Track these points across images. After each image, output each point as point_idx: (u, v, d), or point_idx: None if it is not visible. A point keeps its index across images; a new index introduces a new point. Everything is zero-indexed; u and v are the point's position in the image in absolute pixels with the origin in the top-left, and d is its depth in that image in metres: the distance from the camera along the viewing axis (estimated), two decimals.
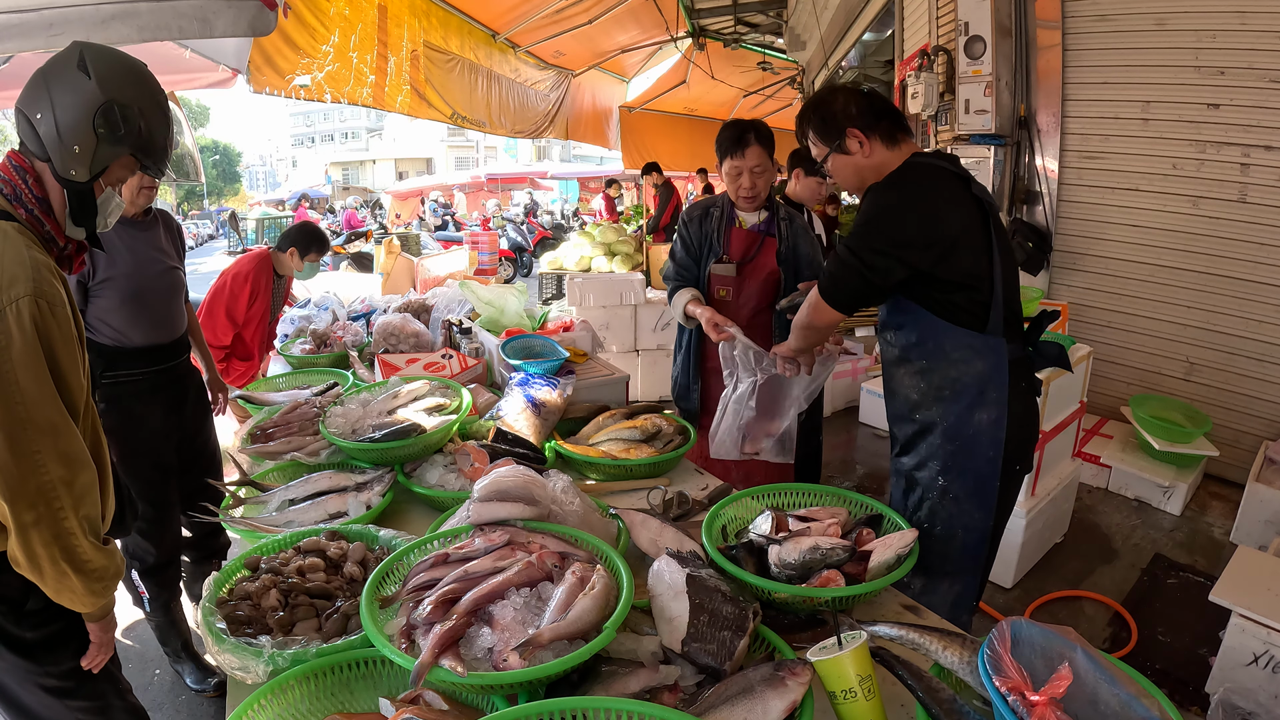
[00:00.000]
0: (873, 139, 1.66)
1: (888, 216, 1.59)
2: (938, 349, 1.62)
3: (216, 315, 3.06)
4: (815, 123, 1.72)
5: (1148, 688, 0.90)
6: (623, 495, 1.84)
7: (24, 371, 1.19)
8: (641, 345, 5.11)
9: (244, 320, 3.11)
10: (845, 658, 0.99)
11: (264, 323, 3.25)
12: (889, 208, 1.59)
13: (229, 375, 3.15)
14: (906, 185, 1.60)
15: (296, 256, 3.17)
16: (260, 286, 3.13)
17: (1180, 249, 3.70)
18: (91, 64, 1.28)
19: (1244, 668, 2.01)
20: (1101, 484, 3.68)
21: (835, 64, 7.32)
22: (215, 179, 36.67)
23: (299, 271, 3.24)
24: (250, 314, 3.13)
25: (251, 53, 3.41)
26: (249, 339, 3.18)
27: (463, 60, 5.49)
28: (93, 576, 1.28)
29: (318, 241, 3.24)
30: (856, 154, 1.67)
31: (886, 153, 1.67)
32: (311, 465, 1.89)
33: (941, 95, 4.45)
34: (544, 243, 12.99)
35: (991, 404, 1.61)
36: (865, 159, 1.67)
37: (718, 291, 2.45)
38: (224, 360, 3.13)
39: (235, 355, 3.20)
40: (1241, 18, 3.30)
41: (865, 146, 1.66)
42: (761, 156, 2.30)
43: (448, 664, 0.98)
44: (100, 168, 1.32)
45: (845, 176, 1.72)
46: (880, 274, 1.58)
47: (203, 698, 2.43)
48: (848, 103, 1.68)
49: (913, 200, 1.57)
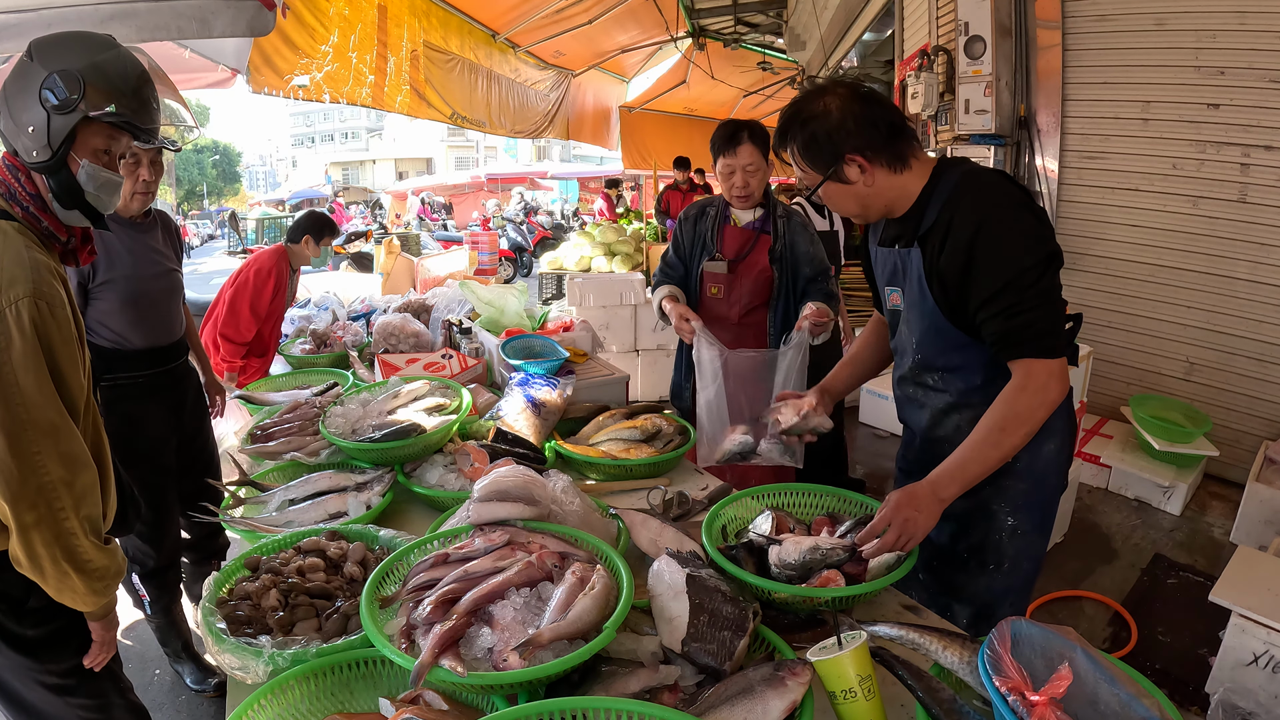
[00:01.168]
0: (878, 165, 1.36)
1: (1023, 219, 1.31)
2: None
3: (240, 312, 3.10)
4: (802, 143, 1.38)
5: (1148, 688, 0.90)
6: (623, 495, 1.84)
7: (24, 373, 1.18)
8: (641, 345, 5.11)
9: (266, 314, 3.17)
10: (845, 658, 0.99)
11: (281, 318, 3.33)
12: (1014, 208, 1.31)
13: (244, 374, 3.19)
14: (999, 184, 1.36)
15: (311, 243, 3.27)
16: (283, 281, 3.21)
17: (1180, 249, 3.70)
18: (35, 49, 1.27)
19: (1244, 668, 2.01)
20: (1101, 484, 3.68)
21: (835, 64, 7.32)
22: (215, 179, 36.67)
23: (315, 258, 3.34)
24: (273, 308, 3.20)
25: (251, 53, 3.42)
26: (267, 335, 3.24)
27: (463, 60, 5.49)
28: (94, 576, 1.28)
29: (329, 226, 3.36)
30: (858, 182, 1.37)
31: (897, 179, 1.38)
32: (311, 465, 1.89)
33: (941, 95, 4.45)
34: (544, 243, 13.00)
35: (1057, 431, 1.46)
36: (868, 188, 1.38)
37: (710, 289, 2.48)
38: (244, 358, 3.18)
39: (253, 353, 3.24)
40: (1241, 18, 3.30)
41: (868, 174, 1.36)
42: (754, 155, 2.32)
43: (448, 664, 0.98)
44: (60, 140, 1.26)
45: (842, 205, 1.44)
46: (1059, 291, 1.31)
47: (203, 698, 2.43)
48: (844, 117, 1.34)
49: (1020, 200, 1.34)
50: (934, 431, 1.55)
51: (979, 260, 1.30)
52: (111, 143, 1.34)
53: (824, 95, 1.38)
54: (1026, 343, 1.30)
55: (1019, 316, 1.29)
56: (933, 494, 1.30)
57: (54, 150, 1.27)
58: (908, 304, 1.49)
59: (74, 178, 1.31)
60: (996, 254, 1.29)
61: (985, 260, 1.30)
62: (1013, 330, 1.30)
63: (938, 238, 1.36)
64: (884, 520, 1.29)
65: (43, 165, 1.28)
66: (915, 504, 1.28)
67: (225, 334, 3.10)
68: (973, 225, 1.31)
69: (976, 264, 1.31)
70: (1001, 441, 1.30)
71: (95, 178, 1.33)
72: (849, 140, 1.34)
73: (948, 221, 1.34)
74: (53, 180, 1.30)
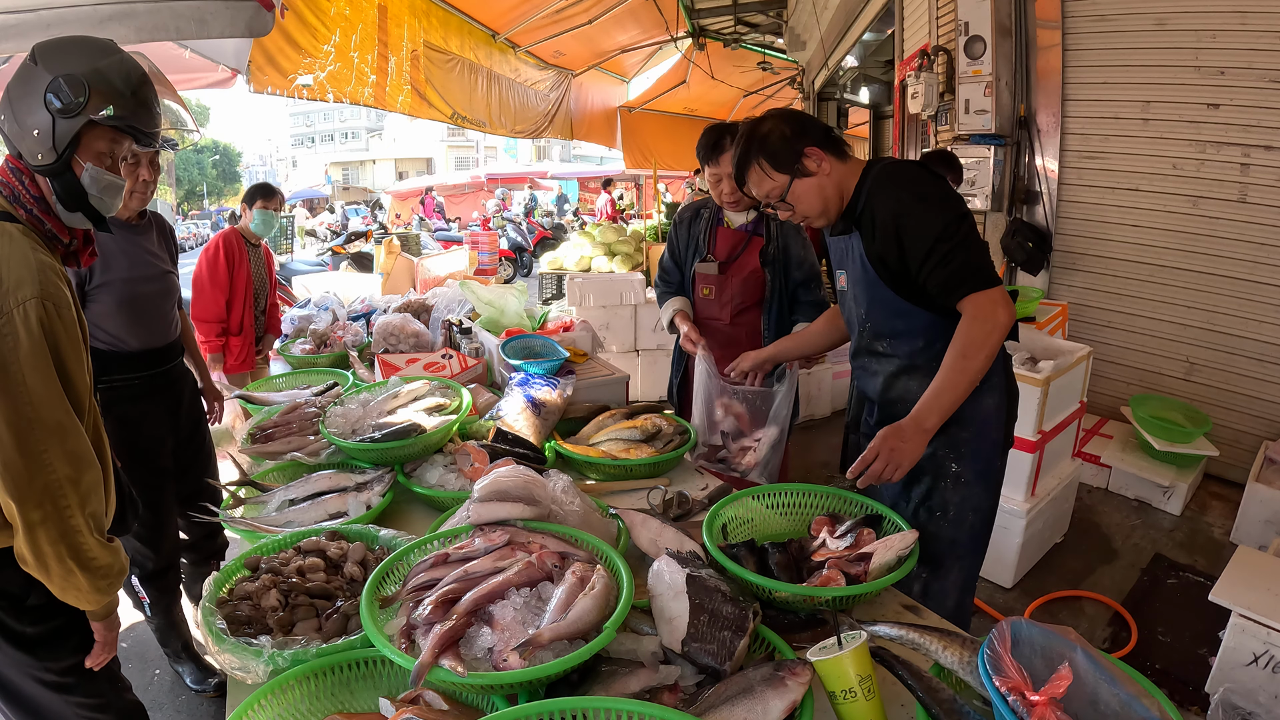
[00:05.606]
0: (828, 154, 1.58)
1: (930, 190, 1.52)
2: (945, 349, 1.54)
3: (202, 289, 3.29)
4: (764, 156, 1.59)
5: (1148, 688, 0.90)
6: (623, 495, 1.84)
7: (31, 372, 1.20)
8: (641, 345, 5.11)
9: (228, 287, 3.32)
10: (845, 658, 0.99)
11: (249, 291, 3.43)
12: (922, 183, 1.53)
13: (228, 356, 3.27)
14: (907, 169, 1.57)
15: (246, 210, 3.45)
16: (232, 250, 3.36)
17: (1180, 249, 3.70)
18: (38, 53, 1.28)
19: (1244, 668, 2.01)
20: (1101, 484, 3.68)
21: (835, 64, 7.32)
22: (215, 179, 36.65)
23: (253, 224, 3.47)
24: (235, 282, 3.34)
25: (253, 52, 3.43)
26: (239, 310, 3.37)
27: (463, 60, 5.49)
28: (99, 574, 1.29)
29: (262, 191, 3.50)
30: (818, 173, 1.58)
31: (843, 166, 1.60)
32: (311, 465, 1.89)
33: (941, 95, 4.45)
34: (544, 243, 12.99)
35: (996, 387, 1.63)
36: (827, 177, 1.58)
37: (701, 290, 2.52)
38: (220, 335, 3.32)
39: (230, 331, 3.38)
40: (1241, 18, 3.30)
41: (825, 163, 1.58)
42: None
43: (448, 664, 0.98)
44: (65, 144, 1.28)
45: (810, 203, 1.61)
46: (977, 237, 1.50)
47: (203, 698, 2.43)
48: (789, 125, 1.58)
49: (928, 178, 1.55)
50: (887, 394, 1.71)
51: (904, 230, 1.51)
52: (114, 146, 1.35)
53: (764, 120, 1.62)
54: (965, 281, 1.48)
55: (952, 262, 1.47)
56: (916, 426, 1.45)
57: (58, 153, 1.28)
58: (852, 280, 1.70)
59: (78, 180, 1.33)
60: (917, 220, 1.50)
61: (909, 228, 1.50)
62: (951, 275, 1.48)
63: (868, 220, 1.57)
64: (872, 451, 1.42)
65: (47, 168, 1.30)
66: (901, 435, 1.43)
67: (196, 315, 3.25)
68: (893, 203, 1.53)
69: (904, 233, 1.51)
70: (967, 367, 1.45)
71: (98, 180, 1.34)
72: (801, 139, 1.57)
73: (873, 206, 1.55)
74: (57, 183, 1.32)
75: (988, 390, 1.61)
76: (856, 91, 8.72)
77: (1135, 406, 3.64)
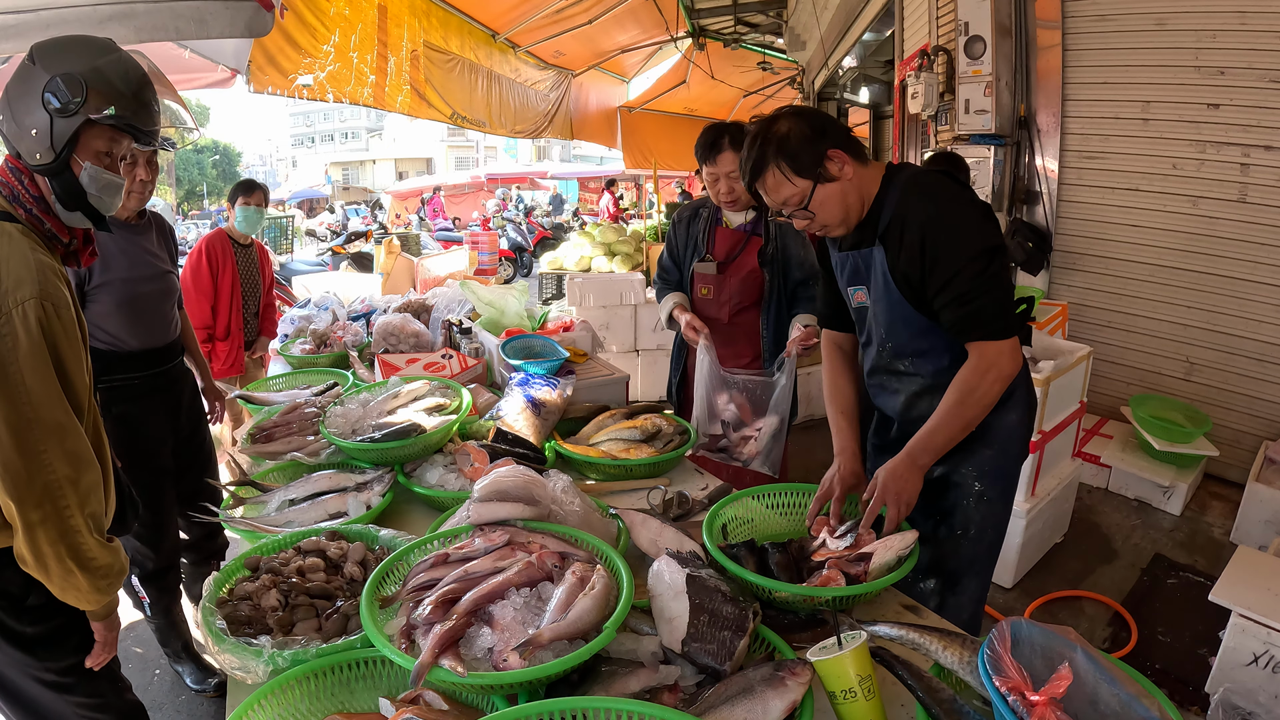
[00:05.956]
0: (850, 156, 1.46)
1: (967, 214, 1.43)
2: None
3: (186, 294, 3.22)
4: (785, 159, 1.44)
5: (1148, 688, 0.90)
6: (623, 495, 1.84)
7: (30, 372, 1.20)
8: (641, 345, 5.11)
9: (211, 291, 3.30)
10: (845, 658, 0.99)
11: (236, 295, 3.41)
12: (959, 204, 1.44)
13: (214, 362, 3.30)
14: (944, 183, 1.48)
15: (230, 207, 3.44)
16: (216, 253, 3.35)
17: (1180, 249, 3.70)
18: (36, 53, 1.28)
19: (1244, 668, 2.01)
20: (1101, 484, 3.68)
21: (835, 64, 7.32)
22: (215, 179, 36.62)
23: (237, 222, 3.45)
24: (219, 287, 3.32)
25: (253, 52, 3.43)
26: (225, 315, 3.36)
27: (463, 60, 5.49)
28: (98, 574, 1.29)
29: (243, 188, 3.47)
30: (841, 178, 1.46)
31: (865, 171, 1.49)
32: (311, 465, 1.89)
33: (941, 95, 4.45)
34: (544, 243, 12.99)
35: (1019, 403, 1.61)
36: (850, 182, 1.47)
37: (700, 290, 2.52)
38: (206, 341, 3.29)
39: (215, 337, 3.36)
40: (1241, 18, 3.30)
41: (848, 167, 1.45)
42: (736, 160, 2.32)
43: (448, 664, 0.98)
44: (63, 143, 1.27)
45: (832, 211, 1.49)
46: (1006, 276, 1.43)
47: (203, 698, 2.43)
48: (808, 126, 1.45)
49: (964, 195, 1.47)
50: (909, 414, 1.65)
51: (930, 254, 1.43)
52: (113, 145, 1.35)
53: (776, 120, 1.48)
54: (978, 327, 1.43)
55: (970, 304, 1.42)
56: (912, 464, 1.44)
57: (57, 153, 1.28)
58: (874, 298, 1.60)
59: (76, 180, 1.33)
60: (945, 247, 1.42)
61: (936, 254, 1.43)
62: (965, 316, 1.43)
63: (895, 235, 1.48)
64: (879, 500, 1.40)
65: (46, 168, 1.29)
66: (900, 477, 1.42)
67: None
68: (923, 223, 1.43)
69: (929, 258, 1.44)
70: (963, 414, 1.44)
71: (98, 180, 1.34)
72: (823, 140, 1.45)
73: (902, 220, 1.46)
74: (56, 182, 1.31)
75: (1011, 405, 1.58)
76: (856, 91, 8.72)
77: (1135, 406, 3.64)
